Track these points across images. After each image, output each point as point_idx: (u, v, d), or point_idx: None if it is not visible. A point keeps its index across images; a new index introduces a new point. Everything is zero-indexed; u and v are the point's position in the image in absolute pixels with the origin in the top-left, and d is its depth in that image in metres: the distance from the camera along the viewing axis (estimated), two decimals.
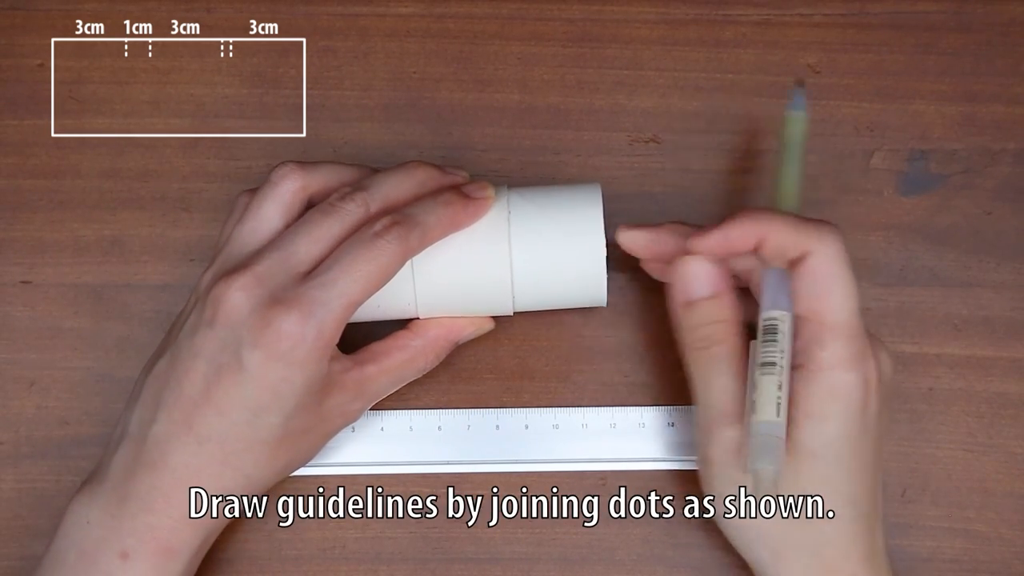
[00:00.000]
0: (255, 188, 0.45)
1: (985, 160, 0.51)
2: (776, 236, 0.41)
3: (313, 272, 0.42)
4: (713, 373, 0.43)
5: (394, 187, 0.44)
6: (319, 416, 0.43)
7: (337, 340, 0.42)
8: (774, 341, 0.41)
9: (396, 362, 0.45)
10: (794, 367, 0.41)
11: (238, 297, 0.41)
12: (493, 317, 0.47)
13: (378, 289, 0.42)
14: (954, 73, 0.51)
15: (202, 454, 0.41)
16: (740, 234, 0.42)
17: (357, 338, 0.46)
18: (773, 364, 0.41)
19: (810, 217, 0.42)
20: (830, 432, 0.41)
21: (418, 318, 0.46)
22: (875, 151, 0.51)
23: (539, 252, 0.44)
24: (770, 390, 0.40)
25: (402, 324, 0.46)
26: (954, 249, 0.50)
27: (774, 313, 0.41)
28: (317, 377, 0.42)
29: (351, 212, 0.43)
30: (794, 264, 0.41)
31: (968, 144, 0.51)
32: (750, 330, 0.43)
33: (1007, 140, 0.51)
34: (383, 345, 0.46)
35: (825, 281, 0.41)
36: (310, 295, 0.41)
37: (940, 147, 0.51)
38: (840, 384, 0.41)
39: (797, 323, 0.42)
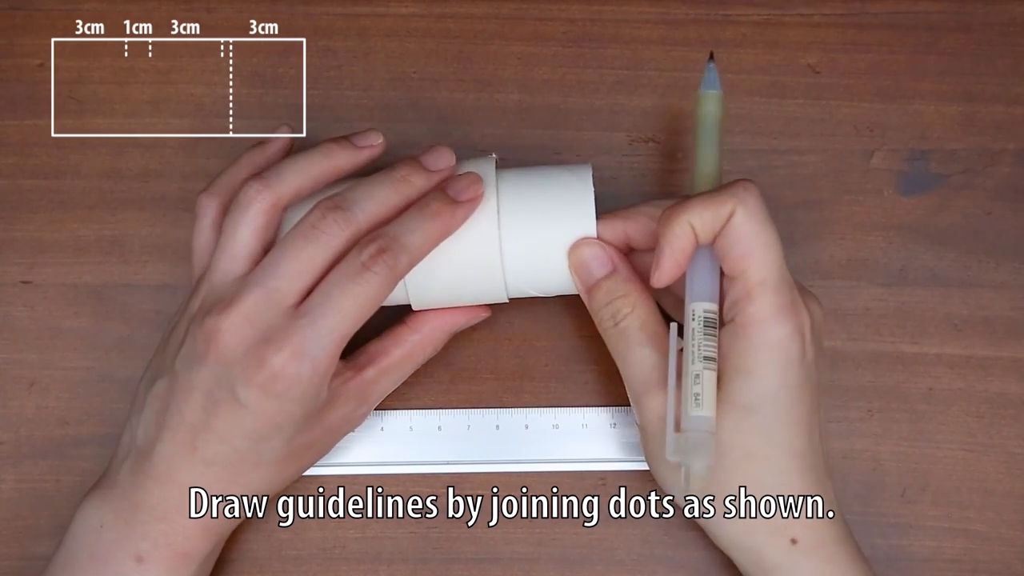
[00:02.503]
0: (208, 187, 0.45)
1: (985, 160, 0.51)
2: (699, 221, 0.41)
3: (302, 306, 0.40)
4: (629, 345, 0.43)
5: (379, 204, 0.42)
6: (324, 430, 0.43)
7: (333, 371, 0.41)
8: (713, 335, 0.41)
9: (395, 360, 0.45)
10: (722, 323, 0.42)
11: (229, 339, 0.40)
12: (489, 305, 0.47)
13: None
14: (954, 73, 0.51)
15: (208, 474, 0.42)
16: (673, 233, 0.41)
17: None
18: (714, 360, 0.41)
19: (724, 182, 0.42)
20: (766, 386, 0.41)
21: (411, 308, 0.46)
22: (875, 151, 0.51)
23: (529, 233, 0.43)
24: (713, 384, 0.41)
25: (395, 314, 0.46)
26: (954, 249, 0.50)
27: (711, 306, 0.42)
28: (316, 404, 0.42)
29: (334, 236, 0.41)
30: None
31: (968, 144, 0.51)
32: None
33: (1007, 140, 0.51)
34: (380, 345, 0.45)
35: (748, 240, 0.40)
36: (302, 334, 0.40)
37: (940, 147, 0.51)
38: (773, 337, 0.41)
39: (724, 282, 0.42)
